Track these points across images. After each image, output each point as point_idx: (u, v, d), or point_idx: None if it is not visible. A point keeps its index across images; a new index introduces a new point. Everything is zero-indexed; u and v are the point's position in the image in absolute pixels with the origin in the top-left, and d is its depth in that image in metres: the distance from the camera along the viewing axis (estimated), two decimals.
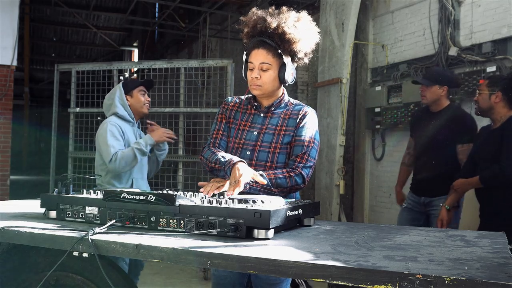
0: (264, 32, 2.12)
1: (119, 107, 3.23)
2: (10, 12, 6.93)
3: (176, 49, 13.27)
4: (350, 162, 6.62)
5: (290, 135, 2.18)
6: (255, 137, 2.19)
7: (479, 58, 4.73)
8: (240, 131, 2.22)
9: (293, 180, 2.09)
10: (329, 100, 6.33)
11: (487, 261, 1.33)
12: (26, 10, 12.52)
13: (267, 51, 2.12)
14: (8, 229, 1.65)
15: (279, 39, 2.10)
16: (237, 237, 1.57)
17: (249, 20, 2.17)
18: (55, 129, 5.84)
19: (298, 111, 2.22)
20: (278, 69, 2.15)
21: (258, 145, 2.17)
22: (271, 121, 2.21)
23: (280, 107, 2.24)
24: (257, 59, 2.14)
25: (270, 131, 2.19)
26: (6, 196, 6.75)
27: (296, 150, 2.15)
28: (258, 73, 2.14)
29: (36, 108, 22.28)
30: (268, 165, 2.14)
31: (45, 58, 19.24)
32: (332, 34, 6.29)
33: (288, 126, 2.19)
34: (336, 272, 1.22)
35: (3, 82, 6.99)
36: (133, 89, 3.28)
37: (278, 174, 2.07)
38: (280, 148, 2.16)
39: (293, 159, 2.15)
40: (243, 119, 2.26)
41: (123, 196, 1.73)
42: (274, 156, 2.15)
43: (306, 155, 2.14)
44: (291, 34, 2.09)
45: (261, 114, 2.24)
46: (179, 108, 5.40)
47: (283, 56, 2.13)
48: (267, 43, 2.12)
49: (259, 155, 2.15)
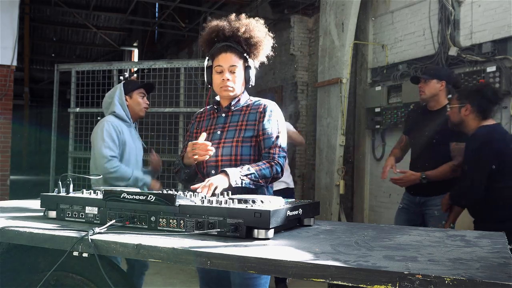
0: (231, 37, 2.24)
1: (117, 106, 3.23)
2: (10, 12, 6.93)
3: (176, 49, 13.27)
4: (350, 162, 6.62)
5: (252, 129, 2.24)
6: (218, 136, 2.27)
7: (479, 58, 4.73)
8: (208, 135, 2.29)
9: (274, 169, 2.18)
10: (329, 100, 6.33)
11: (487, 261, 1.33)
12: (26, 10, 12.53)
13: (235, 54, 2.24)
14: (8, 229, 1.65)
15: (245, 43, 2.23)
16: (237, 237, 1.57)
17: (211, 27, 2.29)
18: (55, 129, 5.85)
19: (258, 106, 2.29)
20: (244, 71, 2.27)
21: (222, 142, 2.24)
22: (232, 119, 2.30)
23: (239, 104, 2.32)
24: (226, 62, 2.23)
25: (232, 128, 2.27)
26: (6, 196, 6.74)
27: (266, 144, 2.23)
28: (230, 75, 2.24)
29: (36, 108, 22.29)
30: (233, 159, 2.20)
31: (45, 58, 19.24)
32: (332, 34, 6.29)
33: (249, 121, 2.26)
34: (336, 272, 1.22)
35: (3, 82, 6.99)
36: (133, 91, 3.27)
37: (261, 165, 2.16)
38: (242, 141, 2.22)
39: (266, 151, 2.23)
40: (208, 125, 2.35)
41: (123, 196, 1.73)
42: (237, 150, 2.21)
43: (277, 146, 2.23)
44: (257, 37, 2.24)
45: (222, 115, 2.33)
46: (179, 108, 5.40)
47: (249, 59, 2.27)
48: (234, 48, 2.24)
49: (223, 150, 2.22)
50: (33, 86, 18.00)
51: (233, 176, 2.04)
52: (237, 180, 2.05)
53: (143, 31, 14.69)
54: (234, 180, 2.04)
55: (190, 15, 11.52)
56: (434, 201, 3.44)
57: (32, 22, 14.36)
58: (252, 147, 2.23)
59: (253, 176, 2.10)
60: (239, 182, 2.05)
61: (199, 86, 6.25)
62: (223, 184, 2.01)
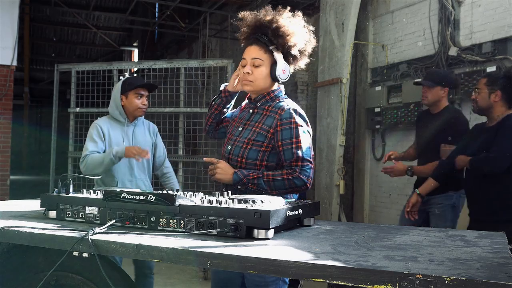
0: (259, 28, 2.13)
1: (111, 106, 3.22)
2: (10, 12, 6.93)
3: (176, 49, 13.27)
4: (350, 162, 6.62)
5: (265, 135, 2.13)
6: (237, 132, 2.22)
7: (479, 58, 4.73)
8: (231, 127, 2.28)
9: (292, 182, 2.05)
10: (329, 100, 6.33)
11: (487, 261, 1.33)
12: (26, 10, 12.52)
13: (260, 47, 2.13)
14: (8, 229, 1.64)
15: (273, 35, 2.10)
16: (237, 237, 1.57)
17: (245, 21, 2.18)
18: (55, 129, 5.84)
19: (276, 109, 2.15)
20: (270, 66, 2.14)
21: (237, 140, 2.19)
22: (254, 117, 2.22)
23: (265, 102, 2.22)
24: (249, 54, 2.14)
25: (250, 127, 2.20)
26: (6, 196, 6.74)
27: (286, 156, 2.09)
28: (250, 69, 2.14)
29: (36, 108, 22.30)
30: (239, 160, 2.14)
31: (45, 58, 19.23)
32: (332, 34, 6.29)
33: (265, 125, 2.15)
34: (336, 272, 1.22)
35: (3, 82, 6.99)
36: (129, 91, 3.19)
37: (277, 176, 2.06)
38: (252, 144, 2.13)
39: (288, 164, 2.09)
40: (239, 117, 2.30)
41: (123, 196, 1.73)
42: (244, 152, 2.14)
43: (299, 159, 2.07)
44: (285, 27, 2.09)
45: (250, 110, 2.26)
46: (179, 108, 5.40)
47: (275, 52, 2.12)
48: (260, 40, 2.13)
49: (235, 149, 2.17)
50: (33, 86, 18.01)
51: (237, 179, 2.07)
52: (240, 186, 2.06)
53: (143, 31, 14.69)
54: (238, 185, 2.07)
55: (190, 15, 11.52)
56: (436, 199, 3.48)
57: (32, 22, 14.35)
58: (260, 151, 2.13)
59: (260, 186, 2.06)
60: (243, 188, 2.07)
61: (199, 86, 6.25)
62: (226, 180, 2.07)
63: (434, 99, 3.60)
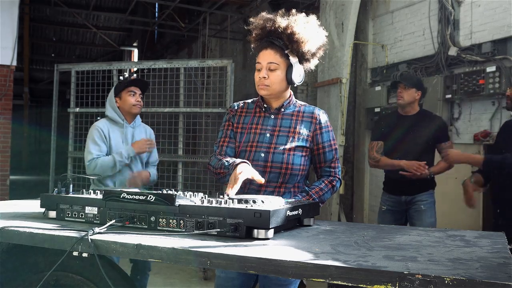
0: (273, 32, 2.13)
1: (108, 109, 3.28)
2: (10, 12, 6.92)
3: (176, 49, 13.27)
4: (350, 162, 6.62)
5: (306, 139, 2.18)
6: (268, 139, 2.17)
7: (479, 58, 4.73)
8: (252, 135, 2.20)
9: (334, 187, 2.22)
10: (329, 100, 6.33)
11: (486, 261, 1.33)
12: (26, 10, 12.51)
13: (275, 51, 2.13)
14: (8, 229, 1.65)
15: (287, 40, 2.11)
16: (237, 237, 1.57)
17: (258, 22, 2.17)
18: (55, 129, 5.84)
19: (311, 114, 2.22)
20: (286, 70, 2.15)
21: (272, 147, 2.15)
22: (283, 123, 2.20)
23: (289, 108, 2.24)
24: (264, 59, 2.14)
25: (283, 133, 2.18)
26: (6, 196, 6.74)
27: (328, 157, 2.22)
28: (266, 73, 2.13)
29: (36, 108, 22.29)
30: (284, 167, 2.13)
31: (45, 58, 19.24)
32: (332, 34, 6.29)
33: (303, 129, 2.19)
34: (336, 272, 1.22)
35: (3, 82, 6.99)
36: (122, 91, 3.26)
37: (324, 189, 2.17)
38: (295, 150, 2.15)
39: (327, 165, 2.23)
40: (253, 123, 2.23)
41: (123, 196, 1.73)
42: (289, 158, 2.14)
43: (337, 160, 2.25)
44: (300, 34, 2.09)
45: (271, 116, 2.23)
46: (179, 108, 5.39)
47: (290, 56, 2.13)
48: (275, 44, 2.13)
49: (274, 157, 2.13)
50: (33, 86, 18.02)
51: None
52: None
53: (143, 31, 14.68)
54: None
55: (190, 15, 11.51)
56: (421, 197, 3.65)
57: (32, 22, 14.36)
58: (303, 157, 2.17)
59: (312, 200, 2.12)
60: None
61: (199, 86, 6.25)
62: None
63: (409, 100, 3.70)
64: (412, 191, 3.66)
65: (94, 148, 3.12)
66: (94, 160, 3.08)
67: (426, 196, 3.64)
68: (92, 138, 3.15)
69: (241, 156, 2.18)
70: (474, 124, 4.83)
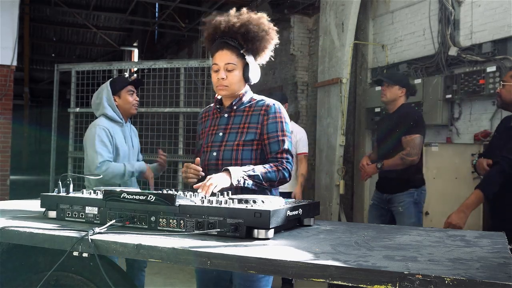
0: (227, 32, 2.16)
1: (107, 109, 3.20)
2: (10, 12, 6.93)
3: (176, 49, 13.27)
4: (350, 162, 6.62)
5: (254, 132, 2.18)
6: (220, 138, 2.22)
7: (479, 58, 4.73)
8: (209, 136, 2.26)
9: (281, 173, 2.13)
10: (329, 100, 6.33)
11: (487, 261, 1.33)
12: (26, 10, 12.53)
13: (231, 52, 2.16)
14: (8, 229, 1.64)
15: (242, 39, 2.15)
16: (237, 237, 1.57)
17: (210, 23, 2.21)
18: (55, 129, 5.85)
19: (261, 107, 2.21)
20: (243, 69, 2.19)
21: (223, 145, 2.20)
22: (234, 120, 2.24)
23: (242, 104, 2.26)
24: (221, 60, 2.16)
25: (233, 130, 2.21)
26: (6, 196, 6.74)
27: (272, 148, 2.17)
28: (224, 74, 2.16)
29: (36, 108, 22.30)
30: (233, 163, 2.15)
31: (45, 58, 19.25)
32: (332, 34, 6.29)
33: (251, 123, 2.20)
34: (336, 272, 1.22)
35: (3, 82, 6.99)
36: (121, 90, 3.21)
37: (268, 168, 2.11)
38: (243, 145, 2.17)
39: (273, 156, 2.17)
40: (211, 125, 2.29)
41: (123, 196, 1.73)
42: (238, 154, 2.16)
43: (284, 151, 2.17)
44: (254, 32, 2.14)
45: (225, 115, 2.27)
46: (179, 108, 5.40)
47: (246, 56, 2.17)
48: (230, 44, 2.16)
49: (224, 154, 2.17)
50: (33, 86, 18.03)
51: (235, 174, 2.00)
52: (240, 180, 2.01)
53: (143, 31, 14.70)
54: (236, 179, 1.99)
55: (190, 15, 11.52)
56: (398, 198, 3.63)
57: (32, 22, 14.37)
58: (253, 150, 2.18)
59: (257, 178, 2.06)
60: (242, 182, 2.02)
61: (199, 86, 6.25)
62: (224, 182, 1.96)
63: (392, 97, 3.70)
64: (391, 189, 3.67)
65: (103, 150, 3.04)
66: (107, 163, 3.00)
67: (404, 196, 3.61)
68: (100, 138, 3.06)
69: (201, 158, 2.24)
70: (474, 124, 4.83)
